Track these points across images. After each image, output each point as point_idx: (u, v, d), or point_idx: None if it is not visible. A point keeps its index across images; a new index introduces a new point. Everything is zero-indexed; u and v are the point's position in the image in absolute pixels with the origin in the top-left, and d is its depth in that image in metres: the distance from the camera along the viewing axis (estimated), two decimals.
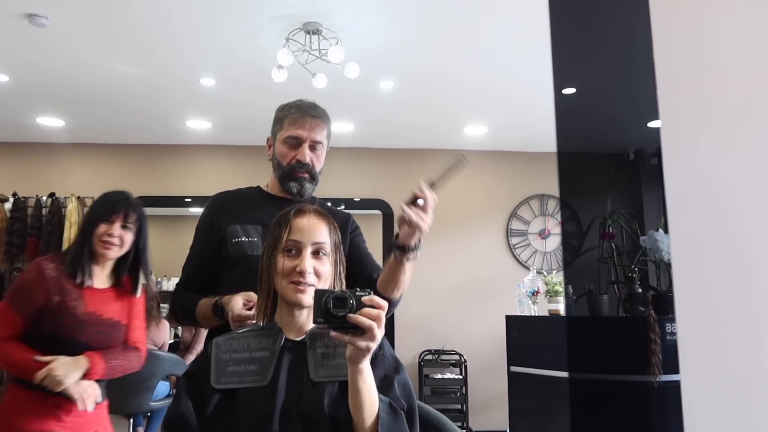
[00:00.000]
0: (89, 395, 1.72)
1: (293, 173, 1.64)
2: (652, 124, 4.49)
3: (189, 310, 1.61)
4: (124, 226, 1.83)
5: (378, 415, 1.04)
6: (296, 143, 1.63)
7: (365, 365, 1.03)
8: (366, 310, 1.00)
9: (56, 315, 1.74)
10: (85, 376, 1.73)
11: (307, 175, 1.66)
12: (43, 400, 1.70)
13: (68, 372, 1.68)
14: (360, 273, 1.70)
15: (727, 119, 0.46)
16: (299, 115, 1.64)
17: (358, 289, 1.01)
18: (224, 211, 1.67)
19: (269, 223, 1.54)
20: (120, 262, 1.88)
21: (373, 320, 0.99)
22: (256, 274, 1.40)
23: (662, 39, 0.49)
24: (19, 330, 1.74)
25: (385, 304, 1.02)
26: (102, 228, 1.80)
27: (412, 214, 1.40)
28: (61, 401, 1.71)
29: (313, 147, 1.66)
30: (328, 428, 1.08)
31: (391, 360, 1.18)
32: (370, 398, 1.04)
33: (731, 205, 0.44)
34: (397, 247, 1.44)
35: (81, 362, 1.72)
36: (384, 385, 1.09)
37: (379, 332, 1.00)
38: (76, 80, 3.70)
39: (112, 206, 1.82)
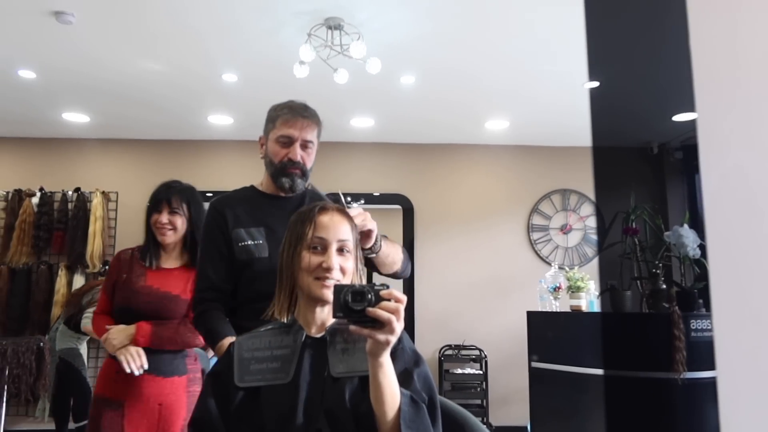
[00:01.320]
0: (133, 359, 1.91)
1: (285, 170, 1.70)
2: (677, 118, 4.42)
3: (213, 336, 1.63)
4: (172, 212, 2.06)
5: (399, 409, 1.05)
6: (288, 142, 1.69)
7: (385, 359, 1.03)
8: (385, 303, 1.00)
9: (122, 288, 2.04)
10: (134, 342, 1.95)
11: (298, 172, 1.71)
12: (111, 366, 1.97)
13: (117, 336, 1.95)
14: None
15: (766, 114, 0.45)
16: (291, 116, 1.71)
17: (377, 283, 1.01)
18: (228, 214, 1.73)
19: (272, 225, 1.70)
20: (186, 243, 2.11)
21: (392, 313, 1.00)
22: (266, 277, 1.52)
23: (699, 32, 0.48)
24: (106, 306, 2.09)
25: (403, 297, 1.02)
26: (154, 217, 2.06)
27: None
28: (122, 368, 1.92)
29: (304, 146, 1.71)
30: (351, 423, 1.08)
31: (410, 353, 1.18)
32: (391, 392, 1.04)
33: None
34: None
35: (130, 329, 1.97)
36: (404, 379, 1.10)
37: (399, 325, 1.00)
38: (101, 77, 3.75)
39: (156, 197, 2.08)
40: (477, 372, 4.64)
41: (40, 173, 4.92)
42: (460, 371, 4.63)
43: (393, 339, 1.01)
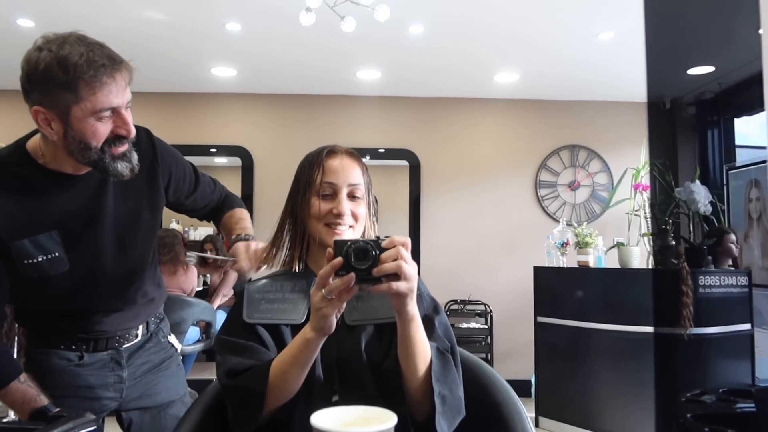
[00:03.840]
0: None
1: (114, 151, 1.20)
2: (692, 72, 4.30)
3: None
4: None
5: (431, 362, 1.01)
6: (111, 113, 1.18)
7: (414, 310, 0.97)
8: (385, 254, 0.91)
9: None
10: None
11: (130, 147, 1.24)
12: None
13: None
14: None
15: None
16: (102, 75, 1.14)
17: (381, 237, 0.93)
18: None
19: (66, 222, 1.27)
20: None
21: (395, 260, 0.91)
22: (68, 295, 1.31)
23: None
24: None
25: (404, 239, 0.93)
26: None
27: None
28: None
29: (128, 107, 1.22)
30: (368, 373, 1.06)
31: (429, 300, 1.16)
32: (423, 346, 1.00)
33: None
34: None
35: None
36: (425, 326, 1.05)
37: (410, 268, 0.91)
38: (100, 26, 3.65)
39: None
40: (482, 326, 4.68)
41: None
42: (465, 326, 4.66)
43: (414, 283, 0.92)
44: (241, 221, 1.54)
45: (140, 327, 1.50)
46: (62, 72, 1.10)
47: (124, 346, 1.46)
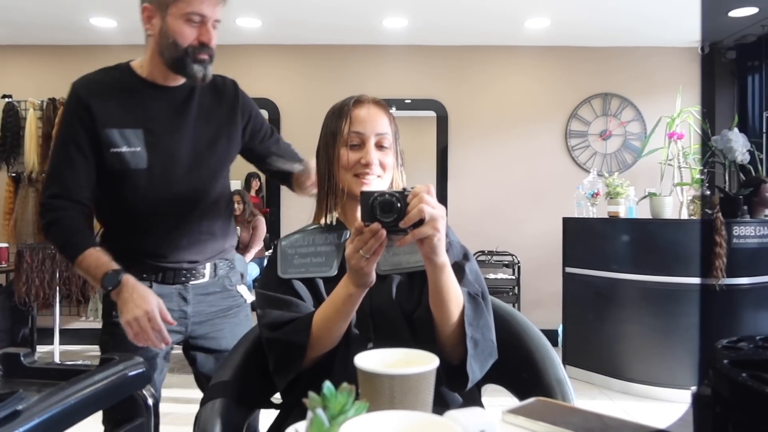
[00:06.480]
0: None
1: (196, 55, 1.42)
2: (733, 14, 4.11)
3: (71, 249, 1.42)
4: None
5: (463, 307, 1.02)
6: (201, 21, 1.40)
7: (445, 258, 0.97)
8: (410, 205, 0.91)
9: None
10: None
11: (209, 58, 1.44)
12: None
13: None
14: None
15: None
16: None
17: (407, 189, 0.93)
18: (96, 107, 1.42)
19: (153, 127, 1.45)
20: None
21: (417, 206, 0.91)
22: (142, 194, 1.44)
23: None
24: None
25: (425, 186, 0.93)
26: None
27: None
28: None
29: (214, 26, 1.44)
30: (401, 320, 1.08)
31: (459, 247, 1.17)
32: (455, 294, 1.01)
33: None
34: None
35: None
36: (455, 273, 1.06)
37: (433, 210, 0.91)
38: None
39: None
40: (510, 277, 4.69)
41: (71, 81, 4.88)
42: (492, 276, 4.68)
43: (441, 225, 0.92)
44: None
45: (207, 265, 1.58)
46: None
47: (191, 282, 1.55)
